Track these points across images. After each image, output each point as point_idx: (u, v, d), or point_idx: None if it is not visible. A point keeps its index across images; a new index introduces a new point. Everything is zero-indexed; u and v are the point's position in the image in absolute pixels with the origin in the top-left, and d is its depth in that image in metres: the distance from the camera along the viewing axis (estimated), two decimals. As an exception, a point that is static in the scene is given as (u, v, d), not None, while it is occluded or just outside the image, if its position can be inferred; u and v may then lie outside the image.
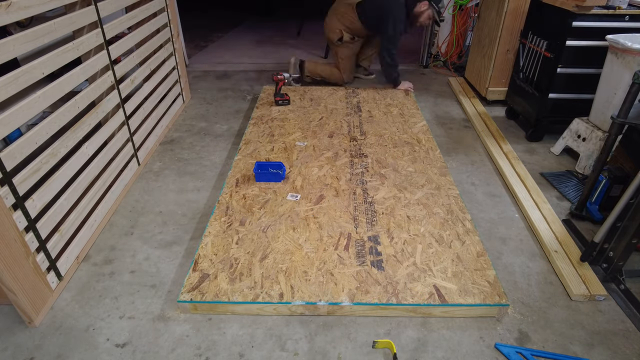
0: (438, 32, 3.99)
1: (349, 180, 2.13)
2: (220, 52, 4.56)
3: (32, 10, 1.42)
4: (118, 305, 1.53)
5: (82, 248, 1.74)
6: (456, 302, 1.46)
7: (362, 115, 2.85)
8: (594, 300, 1.56)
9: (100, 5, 1.86)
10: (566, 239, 1.82)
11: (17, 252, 1.34)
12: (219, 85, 3.62)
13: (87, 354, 1.36)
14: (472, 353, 1.36)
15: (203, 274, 1.56)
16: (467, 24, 3.92)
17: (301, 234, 1.76)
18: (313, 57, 4.36)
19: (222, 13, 6.44)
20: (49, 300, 1.51)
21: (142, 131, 2.38)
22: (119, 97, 2.09)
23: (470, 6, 3.81)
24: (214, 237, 1.74)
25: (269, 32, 5.34)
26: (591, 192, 1.94)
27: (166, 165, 2.41)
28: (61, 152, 1.61)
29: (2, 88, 1.28)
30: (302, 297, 1.47)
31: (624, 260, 1.60)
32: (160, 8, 2.64)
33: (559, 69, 2.47)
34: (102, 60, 1.91)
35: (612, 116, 1.75)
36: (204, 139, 2.70)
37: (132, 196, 2.14)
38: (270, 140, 2.49)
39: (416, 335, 1.42)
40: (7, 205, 1.29)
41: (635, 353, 1.38)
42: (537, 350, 1.37)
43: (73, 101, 1.68)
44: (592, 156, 2.28)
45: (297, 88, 3.29)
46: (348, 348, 1.38)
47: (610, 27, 2.31)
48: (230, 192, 2.02)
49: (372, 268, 1.59)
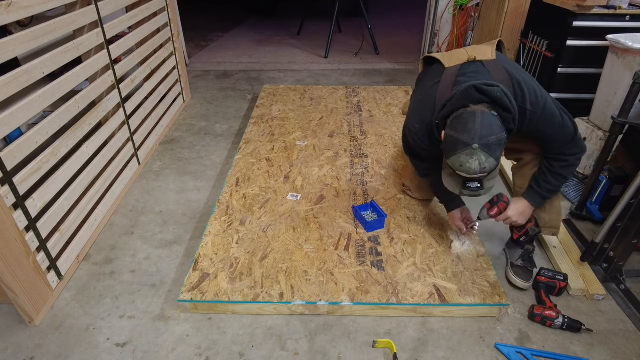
0: (439, 32, 3.99)
1: (349, 180, 2.13)
2: (220, 51, 4.56)
3: (32, 10, 1.42)
4: (118, 304, 1.53)
5: (83, 247, 1.74)
6: (456, 302, 1.46)
7: (362, 115, 2.84)
8: (593, 299, 1.56)
9: (100, 4, 1.86)
10: (566, 238, 1.82)
11: (17, 251, 1.34)
12: (219, 84, 3.62)
13: (87, 353, 1.36)
14: (472, 353, 1.36)
15: (203, 273, 1.56)
16: (467, 24, 3.91)
17: (301, 234, 1.76)
18: (314, 56, 4.36)
19: (223, 12, 6.44)
20: (49, 299, 1.51)
21: (143, 131, 2.38)
22: (119, 97, 2.09)
23: (471, 6, 3.81)
24: (214, 237, 1.74)
25: (269, 32, 5.34)
26: (591, 192, 1.94)
27: (166, 164, 2.41)
28: (61, 151, 1.61)
29: (3, 87, 1.28)
30: (302, 297, 1.47)
31: (624, 261, 1.60)
32: (161, 7, 2.64)
33: (559, 69, 2.46)
34: (102, 60, 1.91)
35: (613, 116, 1.75)
36: (204, 138, 2.70)
37: (133, 196, 2.14)
38: (270, 140, 2.49)
39: (416, 335, 1.42)
40: (7, 205, 1.29)
41: (635, 353, 1.38)
42: (537, 350, 1.37)
43: (73, 101, 1.68)
44: (593, 156, 2.28)
45: (297, 87, 3.29)
46: (348, 348, 1.38)
47: (610, 26, 2.31)
48: (231, 191, 2.02)
49: (373, 268, 1.59)
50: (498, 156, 1.23)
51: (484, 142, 1.19)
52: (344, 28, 5.33)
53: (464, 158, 1.22)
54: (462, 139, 1.22)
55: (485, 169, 1.22)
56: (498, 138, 1.21)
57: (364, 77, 3.79)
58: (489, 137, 1.20)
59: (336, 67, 4.04)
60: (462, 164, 1.23)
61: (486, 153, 1.20)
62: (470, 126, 1.21)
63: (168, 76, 2.80)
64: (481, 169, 1.22)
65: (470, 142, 1.20)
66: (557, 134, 1.37)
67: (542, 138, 1.41)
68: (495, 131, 1.22)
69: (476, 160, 1.21)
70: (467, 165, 1.22)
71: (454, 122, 1.26)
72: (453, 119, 1.27)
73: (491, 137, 1.20)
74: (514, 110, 1.28)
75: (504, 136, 1.24)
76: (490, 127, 1.21)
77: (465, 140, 1.21)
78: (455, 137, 1.24)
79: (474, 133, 1.20)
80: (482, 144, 1.19)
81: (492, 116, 1.23)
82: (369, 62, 4.21)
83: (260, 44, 4.82)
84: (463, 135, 1.22)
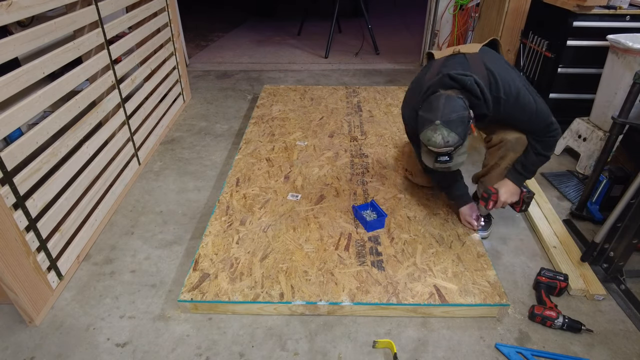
0: (439, 32, 3.99)
1: (349, 180, 2.13)
2: (220, 51, 4.56)
3: (32, 10, 1.42)
4: (118, 304, 1.53)
5: (83, 247, 1.74)
6: (456, 302, 1.46)
7: (362, 115, 2.84)
8: (593, 299, 1.56)
9: (100, 4, 1.86)
10: (567, 239, 1.82)
11: (17, 251, 1.34)
12: (219, 84, 3.62)
13: (88, 353, 1.36)
14: (472, 353, 1.36)
15: (203, 273, 1.56)
16: (467, 24, 3.91)
17: (301, 234, 1.76)
18: (314, 56, 4.36)
19: (223, 13, 6.44)
20: (49, 299, 1.51)
21: (143, 131, 2.38)
22: (119, 97, 2.09)
23: (471, 6, 3.80)
24: (215, 237, 1.74)
25: (269, 32, 5.34)
26: (592, 192, 1.94)
27: (167, 164, 2.41)
28: (62, 151, 1.61)
29: (3, 88, 1.28)
30: (302, 297, 1.47)
31: (624, 261, 1.60)
32: (161, 8, 2.64)
33: (559, 69, 2.46)
34: (102, 60, 1.91)
35: (613, 116, 1.75)
36: (204, 138, 2.70)
37: (133, 196, 2.14)
38: (270, 140, 2.49)
39: (416, 335, 1.42)
40: (7, 205, 1.29)
41: (635, 353, 1.38)
42: (537, 350, 1.37)
43: (74, 101, 1.68)
44: (593, 156, 2.28)
45: (298, 87, 3.29)
46: (348, 348, 1.38)
47: (611, 27, 2.31)
48: (231, 191, 2.02)
49: (373, 268, 1.59)
50: (460, 132, 1.40)
51: (445, 119, 1.38)
52: (344, 28, 5.33)
53: (430, 133, 1.41)
54: (428, 117, 1.41)
55: (449, 143, 1.40)
56: (459, 116, 1.39)
57: (364, 77, 3.79)
58: (450, 115, 1.38)
59: (336, 67, 4.04)
60: (429, 138, 1.42)
61: (447, 128, 1.38)
62: (434, 106, 1.41)
63: (168, 76, 2.80)
64: (445, 142, 1.40)
65: (433, 119, 1.39)
66: (531, 120, 1.55)
67: (521, 122, 1.59)
68: (457, 109, 1.39)
69: (439, 135, 1.39)
70: (433, 140, 1.41)
71: (424, 104, 1.47)
72: (424, 102, 1.48)
73: (452, 115, 1.38)
74: (483, 97, 1.46)
75: (465, 115, 1.40)
76: (452, 107, 1.39)
77: (430, 117, 1.40)
78: (423, 116, 1.44)
79: (437, 111, 1.39)
80: (444, 120, 1.38)
81: (457, 99, 1.41)
82: (369, 62, 4.22)
83: (260, 44, 4.82)
84: (429, 114, 1.42)
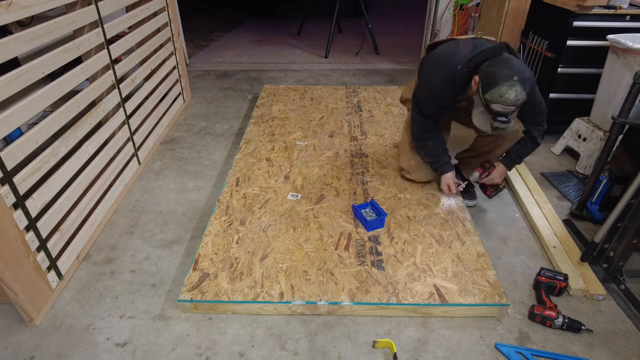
0: (439, 32, 3.99)
1: (349, 180, 2.13)
2: (220, 51, 4.56)
3: (32, 10, 1.42)
4: (118, 304, 1.53)
5: (83, 247, 1.74)
6: (456, 302, 1.46)
7: (362, 115, 2.84)
8: (593, 299, 1.56)
9: (100, 4, 1.86)
10: (566, 238, 1.82)
11: (17, 251, 1.34)
12: (219, 84, 3.62)
13: (88, 353, 1.36)
14: (472, 353, 1.36)
15: (203, 273, 1.56)
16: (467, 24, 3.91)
17: (301, 234, 1.76)
18: (314, 55, 4.35)
19: (223, 13, 6.44)
20: (49, 299, 1.51)
21: (143, 130, 2.38)
22: (119, 97, 2.09)
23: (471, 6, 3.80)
24: (215, 237, 1.74)
25: (269, 32, 5.34)
26: (592, 192, 1.94)
27: (166, 164, 2.41)
28: (62, 151, 1.61)
29: (3, 87, 1.28)
30: (302, 297, 1.47)
31: (624, 260, 1.60)
32: (161, 7, 2.64)
33: (559, 69, 2.46)
34: (102, 60, 1.91)
35: (613, 116, 1.75)
36: (204, 138, 2.70)
37: (133, 195, 2.14)
38: (270, 140, 2.49)
39: (416, 335, 1.42)
40: (7, 205, 1.29)
41: (635, 353, 1.38)
42: (537, 350, 1.37)
43: (73, 100, 1.68)
44: (593, 156, 2.28)
45: (297, 87, 3.29)
46: (348, 347, 1.38)
47: (611, 27, 2.31)
48: (231, 191, 2.02)
49: (373, 268, 1.59)
50: (528, 93, 1.47)
51: (522, 77, 1.43)
52: (344, 28, 5.33)
53: (504, 89, 1.44)
54: (504, 72, 1.45)
55: (518, 101, 1.45)
56: (531, 76, 1.48)
57: (364, 77, 3.79)
58: (524, 73, 1.45)
59: (336, 67, 4.04)
60: (501, 94, 1.44)
61: (522, 86, 1.43)
62: (510, 64, 1.47)
63: (168, 76, 2.80)
64: (515, 99, 1.44)
65: (511, 75, 1.43)
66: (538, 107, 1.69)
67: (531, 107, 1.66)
68: (528, 70, 1.49)
69: (514, 91, 1.43)
70: (506, 96, 1.44)
71: (494, 62, 1.51)
72: (492, 61, 1.52)
73: (526, 73, 1.46)
74: None
75: (534, 78, 1.51)
76: (525, 67, 1.49)
77: (507, 73, 1.44)
78: (497, 72, 1.47)
79: (514, 68, 1.45)
80: (521, 77, 1.43)
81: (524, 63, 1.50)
82: (369, 62, 4.21)
83: (260, 44, 4.82)
84: (505, 70, 1.45)
